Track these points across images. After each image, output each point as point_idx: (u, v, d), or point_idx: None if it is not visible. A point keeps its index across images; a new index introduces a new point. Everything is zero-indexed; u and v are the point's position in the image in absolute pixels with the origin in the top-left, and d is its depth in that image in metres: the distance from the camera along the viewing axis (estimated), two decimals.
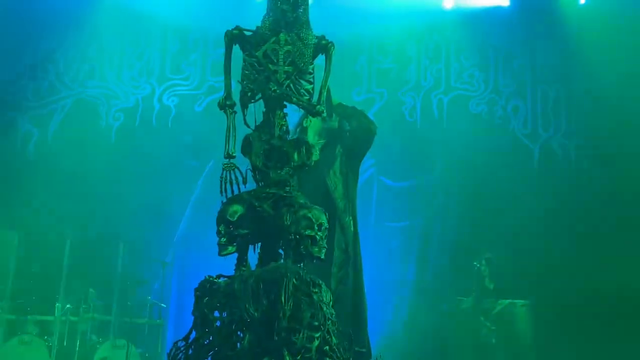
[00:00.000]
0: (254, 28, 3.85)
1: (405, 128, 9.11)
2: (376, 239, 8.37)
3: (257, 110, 3.85)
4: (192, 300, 3.49)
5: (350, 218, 5.05)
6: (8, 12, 8.62)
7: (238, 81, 3.84)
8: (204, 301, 3.40)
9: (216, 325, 3.34)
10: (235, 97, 3.86)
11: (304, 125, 4.92)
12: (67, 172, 8.23)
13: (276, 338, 3.25)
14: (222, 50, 3.77)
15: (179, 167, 8.82)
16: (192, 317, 3.45)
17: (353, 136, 5.29)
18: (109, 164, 8.41)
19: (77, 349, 7.26)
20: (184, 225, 8.66)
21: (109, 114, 8.95)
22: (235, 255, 3.64)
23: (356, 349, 4.52)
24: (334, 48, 3.86)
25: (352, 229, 5.09)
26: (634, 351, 7.17)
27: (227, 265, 3.71)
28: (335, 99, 5.56)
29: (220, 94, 9.82)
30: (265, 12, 3.89)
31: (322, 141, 5.16)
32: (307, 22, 3.87)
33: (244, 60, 3.82)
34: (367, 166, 8.69)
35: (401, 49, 9.24)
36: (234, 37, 3.83)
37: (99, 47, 9.03)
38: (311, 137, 5.23)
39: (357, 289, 4.90)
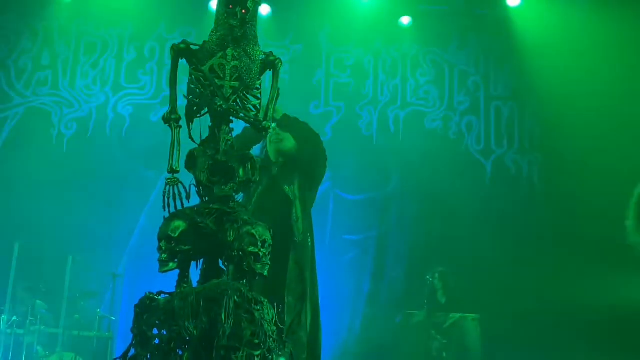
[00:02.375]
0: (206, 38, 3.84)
1: (361, 142, 9.17)
2: (332, 252, 8.39)
3: (202, 125, 3.83)
4: None
5: (310, 238, 5.07)
6: None
7: (184, 95, 3.82)
8: (144, 318, 3.35)
9: (155, 343, 3.29)
10: (181, 111, 3.83)
11: (265, 145, 4.95)
12: (17, 181, 8.07)
13: (215, 356, 3.22)
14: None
15: (133, 178, 8.71)
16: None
17: (312, 159, 5.32)
18: (60, 173, 8.27)
19: None
20: (136, 236, 8.54)
21: (61, 122, 8.80)
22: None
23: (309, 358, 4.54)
24: (281, 64, 3.87)
25: (311, 248, 5.12)
26: None
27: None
28: (291, 111, 5.60)
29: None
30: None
31: (281, 160, 5.18)
32: (255, 38, 3.87)
33: (190, 75, 3.80)
34: (324, 179, 8.73)
35: (359, 63, 9.32)
36: (181, 50, 3.81)
37: (53, 55, 8.89)
38: (272, 155, 5.25)
39: (314, 300, 4.92)
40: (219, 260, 3.65)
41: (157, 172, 8.63)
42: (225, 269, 3.62)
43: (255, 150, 5.14)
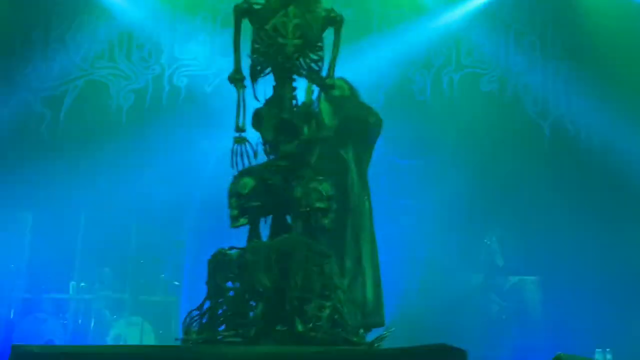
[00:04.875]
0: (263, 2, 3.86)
1: (415, 107, 9.10)
2: (387, 217, 8.39)
3: (267, 84, 3.87)
4: (205, 276, 3.55)
5: (367, 201, 5.08)
6: None
7: (248, 55, 3.85)
8: (217, 272, 3.45)
9: (229, 295, 3.39)
10: (246, 71, 3.88)
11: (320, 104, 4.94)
12: (79, 153, 8.31)
13: (288, 307, 3.30)
14: (231, 29, 3.78)
15: (189, 147, 8.86)
16: (206, 289, 3.51)
17: (366, 121, 5.27)
18: (120, 144, 8.48)
19: (92, 326, 7.38)
20: (196, 203, 8.71)
21: (119, 94, 9.00)
22: (247, 228, 3.69)
23: (370, 320, 4.60)
24: (343, 21, 3.86)
25: (369, 211, 5.12)
26: None
27: (240, 241, 3.75)
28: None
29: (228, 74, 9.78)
30: None
31: (336, 122, 5.16)
32: None
33: (254, 34, 3.83)
34: (378, 144, 8.70)
35: (410, 27, 9.19)
36: (243, 11, 3.83)
37: (109, 28, 9.05)
38: (327, 118, 5.25)
39: (375, 264, 4.94)
40: (287, 216, 3.70)
41: (213, 141, 8.77)
42: (293, 224, 3.68)
43: None
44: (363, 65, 8.75)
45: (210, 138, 8.81)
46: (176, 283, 8.00)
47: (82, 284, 7.43)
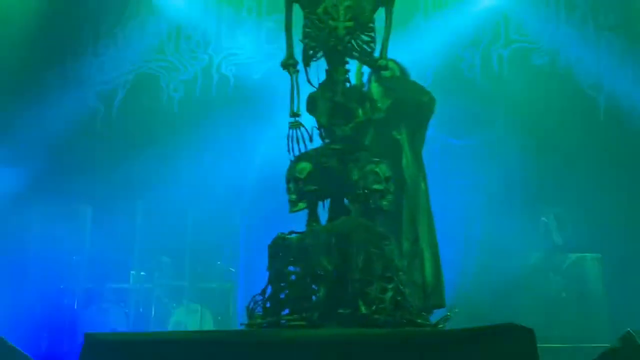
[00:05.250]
0: None
1: (464, 85, 8.97)
2: (442, 197, 8.29)
3: (319, 68, 3.86)
4: (260, 264, 3.59)
5: (423, 182, 5.04)
6: None
7: (300, 40, 3.85)
8: (278, 257, 3.48)
9: (291, 279, 3.42)
10: (298, 55, 3.88)
11: (370, 85, 4.90)
12: (133, 145, 8.48)
13: (350, 290, 3.30)
14: (277, 16, 3.81)
15: (239, 135, 8.94)
16: (264, 276, 3.54)
17: (418, 101, 5.21)
18: (172, 136, 8.62)
19: (153, 314, 7.55)
20: (249, 191, 8.80)
21: (169, 86, 9.13)
22: (304, 212, 3.70)
23: (430, 301, 4.58)
24: (394, 1, 3.82)
25: (425, 192, 5.08)
26: None
27: (294, 225, 3.76)
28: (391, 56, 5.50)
29: (277, 60, 9.80)
30: None
31: (388, 103, 5.11)
32: None
33: (304, 18, 3.82)
34: (430, 124, 8.60)
35: (458, 2, 9.04)
36: None
37: (157, 21, 9.19)
38: (378, 98, 5.21)
39: (433, 245, 4.91)
40: (345, 199, 3.70)
41: (262, 127, 8.83)
42: (351, 207, 3.68)
43: None
44: (410, 44, 8.65)
45: (260, 124, 8.88)
46: (232, 269, 8.12)
47: (142, 273, 7.61)
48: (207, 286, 7.79)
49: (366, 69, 4.53)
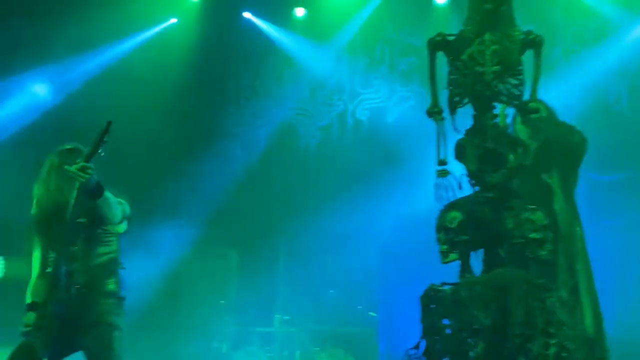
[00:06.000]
0: (436, 32, 3.82)
1: (611, 118, 8.49)
2: (592, 238, 7.83)
3: (466, 114, 3.80)
4: (399, 309, 3.52)
5: (578, 226, 4.77)
6: (212, 47, 9.41)
7: (444, 87, 3.82)
8: (431, 309, 3.40)
9: (446, 333, 3.32)
10: (442, 103, 3.84)
11: (516, 127, 4.74)
12: (274, 191, 8.76)
13: (510, 345, 3.16)
14: (409, 59, 3.81)
15: (374, 177, 8.97)
16: (404, 322, 3.48)
17: (569, 141, 4.97)
18: (311, 181, 8.82)
19: (297, 358, 7.64)
20: (385, 235, 8.77)
21: (306, 133, 9.39)
22: (439, 263, 3.61)
23: (594, 355, 4.28)
24: (543, 42, 3.70)
25: (580, 237, 4.81)
26: None
27: (435, 273, 3.67)
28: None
29: (409, 102, 9.79)
30: (459, 14, 3.84)
31: (535, 145, 4.92)
32: (512, 19, 3.76)
33: (449, 65, 3.79)
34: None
35: (599, 35, 8.64)
36: (437, 43, 3.82)
37: (293, 72, 9.54)
38: (526, 140, 5.02)
39: (593, 293, 4.61)
40: (499, 249, 3.57)
41: (397, 170, 8.81)
42: (505, 257, 3.54)
43: None
44: (552, 83, 8.34)
45: (395, 167, 8.87)
46: (372, 314, 8.07)
47: (286, 317, 7.74)
48: (349, 330, 7.78)
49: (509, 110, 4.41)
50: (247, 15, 9.59)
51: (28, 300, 3.89)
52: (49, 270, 3.77)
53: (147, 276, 7.44)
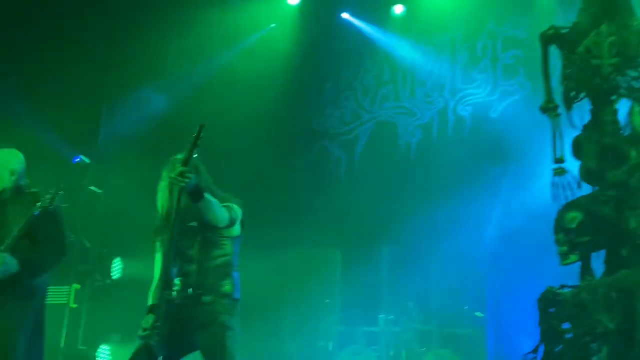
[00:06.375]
0: (540, 24, 3.69)
1: None
2: None
3: (583, 109, 3.66)
4: (508, 309, 3.41)
5: None
6: (311, 49, 9.52)
7: (560, 82, 3.68)
8: (550, 312, 3.29)
9: (567, 338, 3.21)
10: (557, 98, 3.71)
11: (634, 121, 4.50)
12: (375, 190, 8.72)
13: (637, 350, 3.01)
14: (512, 52, 3.68)
15: (479, 176, 8.75)
16: (512, 323, 3.37)
17: None
18: (411, 179, 8.73)
19: (403, 358, 7.57)
20: (490, 236, 8.54)
21: (406, 131, 9.31)
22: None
23: None
24: None
25: None
26: None
27: (539, 274, 3.54)
28: None
29: (514, 97, 9.41)
30: (563, 5, 3.69)
31: None
32: (630, 8, 3.58)
33: (563, 59, 3.65)
34: None
35: None
36: (550, 37, 3.70)
37: (392, 69, 9.48)
38: None
39: None
40: (622, 249, 3.41)
41: (502, 168, 8.56)
42: (629, 258, 3.37)
43: None
44: None
45: (501, 163, 8.62)
46: (480, 315, 7.88)
47: (390, 317, 7.69)
48: (456, 331, 7.63)
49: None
50: (345, 15, 9.62)
51: (149, 302, 4.03)
52: (162, 272, 3.87)
53: (253, 275, 7.59)
